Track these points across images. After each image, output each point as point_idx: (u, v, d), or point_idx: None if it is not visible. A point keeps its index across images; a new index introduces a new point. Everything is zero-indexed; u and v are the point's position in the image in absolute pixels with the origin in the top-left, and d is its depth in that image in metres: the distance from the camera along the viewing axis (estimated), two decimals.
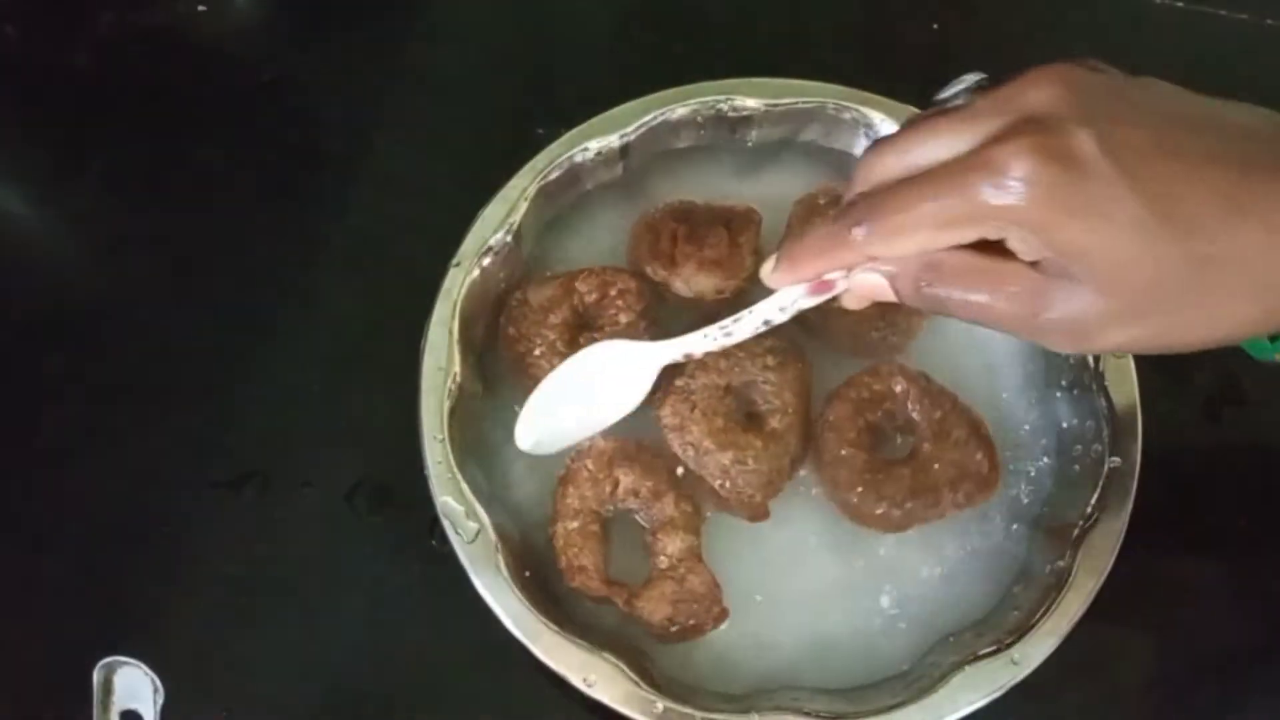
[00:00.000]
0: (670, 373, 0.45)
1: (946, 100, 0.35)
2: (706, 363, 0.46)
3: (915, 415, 0.46)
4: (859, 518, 0.45)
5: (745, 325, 0.40)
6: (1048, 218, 0.29)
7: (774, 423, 0.45)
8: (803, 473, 0.47)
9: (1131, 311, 0.30)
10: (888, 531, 0.45)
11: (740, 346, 0.43)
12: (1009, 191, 0.29)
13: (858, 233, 0.33)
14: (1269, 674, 0.47)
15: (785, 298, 0.38)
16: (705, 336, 0.42)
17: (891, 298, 0.35)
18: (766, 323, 0.40)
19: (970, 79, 0.35)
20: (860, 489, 0.44)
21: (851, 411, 0.46)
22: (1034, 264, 0.31)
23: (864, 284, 0.35)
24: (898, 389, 0.47)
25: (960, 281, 0.32)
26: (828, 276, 0.36)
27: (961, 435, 0.45)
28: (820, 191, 0.50)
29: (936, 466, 0.45)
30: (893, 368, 0.47)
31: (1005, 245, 0.31)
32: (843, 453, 0.45)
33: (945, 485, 0.44)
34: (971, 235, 0.31)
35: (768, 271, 0.37)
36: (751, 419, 0.46)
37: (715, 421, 0.45)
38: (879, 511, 0.44)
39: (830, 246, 0.34)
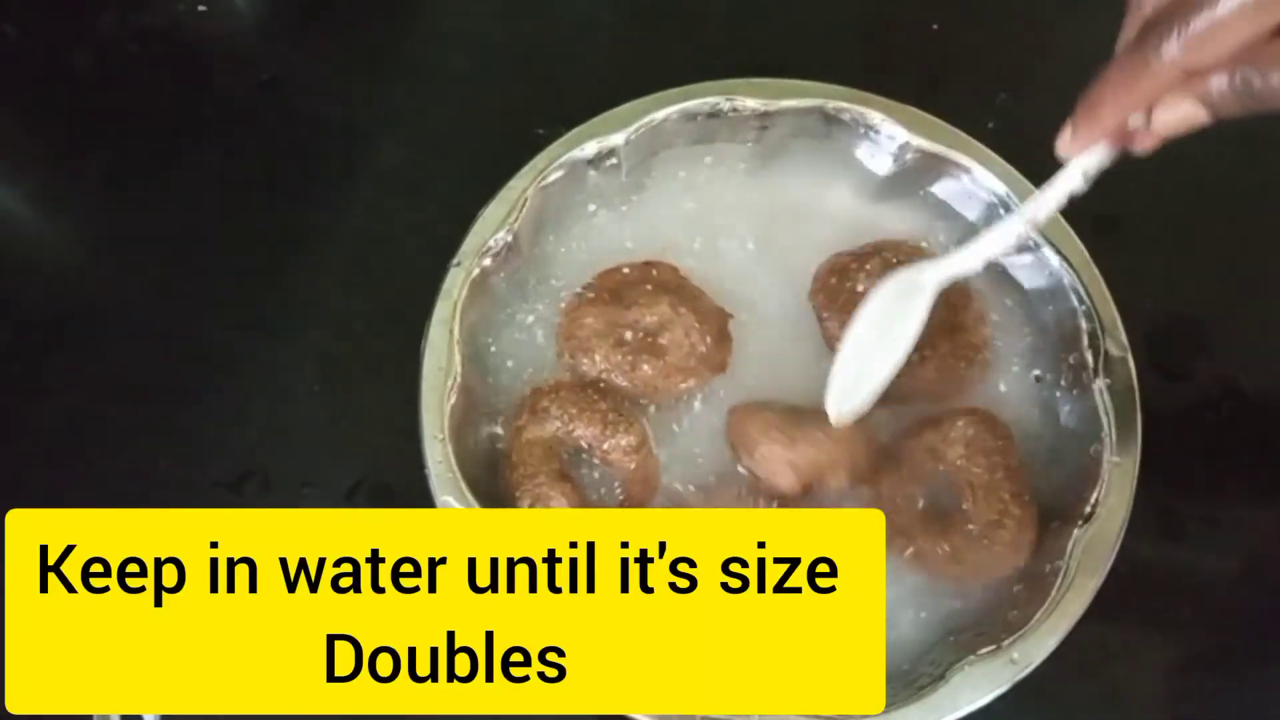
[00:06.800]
0: None
1: None
2: None
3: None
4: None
5: (1047, 203, 0.37)
6: None
7: None
8: None
9: None
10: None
11: None
12: None
13: (1167, 49, 0.29)
14: (1270, 672, 0.47)
15: (1086, 161, 0.35)
16: (1004, 231, 0.39)
17: (1205, 120, 0.31)
18: (1071, 195, 0.36)
19: None
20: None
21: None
22: None
23: (1174, 118, 0.31)
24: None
25: None
26: (1132, 124, 0.32)
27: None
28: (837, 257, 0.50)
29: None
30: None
31: None
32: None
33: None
34: None
35: (1066, 138, 0.34)
36: None
37: None
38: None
39: (1135, 76, 0.31)
